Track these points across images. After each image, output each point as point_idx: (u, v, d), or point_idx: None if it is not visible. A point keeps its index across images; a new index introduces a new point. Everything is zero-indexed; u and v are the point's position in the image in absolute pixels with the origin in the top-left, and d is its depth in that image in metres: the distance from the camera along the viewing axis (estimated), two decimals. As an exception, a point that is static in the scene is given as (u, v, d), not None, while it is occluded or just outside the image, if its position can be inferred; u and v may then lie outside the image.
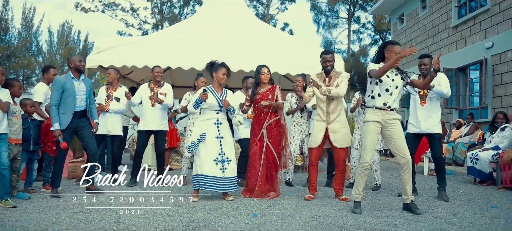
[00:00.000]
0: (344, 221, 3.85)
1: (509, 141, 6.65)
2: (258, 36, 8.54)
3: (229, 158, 4.90)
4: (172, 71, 9.67)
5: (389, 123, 4.27)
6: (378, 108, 4.27)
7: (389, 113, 4.27)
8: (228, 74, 5.03)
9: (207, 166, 4.78)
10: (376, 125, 4.28)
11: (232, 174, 4.90)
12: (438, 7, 13.34)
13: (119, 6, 28.02)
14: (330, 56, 5.08)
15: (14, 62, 25.68)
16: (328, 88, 4.93)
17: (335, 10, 29.88)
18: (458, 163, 9.11)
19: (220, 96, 4.95)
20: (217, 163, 4.82)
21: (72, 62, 5.07)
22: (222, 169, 4.82)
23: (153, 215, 4.01)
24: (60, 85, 4.94)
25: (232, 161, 4.91)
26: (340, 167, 5.10)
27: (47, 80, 6.21)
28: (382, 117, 4.27)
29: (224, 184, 4.82)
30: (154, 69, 6.21)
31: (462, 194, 5.72)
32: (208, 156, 4.81)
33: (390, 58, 4.20)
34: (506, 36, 10.23)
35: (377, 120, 4.27)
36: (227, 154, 4.89)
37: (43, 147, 5.45)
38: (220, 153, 4.86)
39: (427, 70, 5.21)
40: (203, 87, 5.04)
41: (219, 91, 5.00)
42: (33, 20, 27.73)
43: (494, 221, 3.99)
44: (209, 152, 4.82)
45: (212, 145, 4.84)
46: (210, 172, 4.78)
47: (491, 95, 10.67)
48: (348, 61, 26.66)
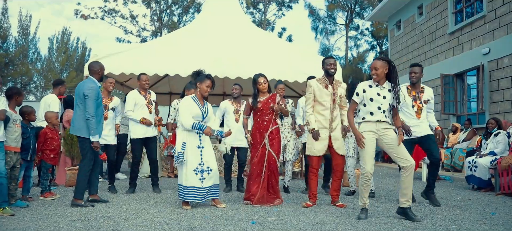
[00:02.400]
0: (342, 228, 3.85)
1: (504, 146, 6.68)
2: (255, 43, 8.58)
3: (209, 167, 4.91)
4: (170, 78, 9.69)
5: (383, 132, 4.32)
6: (372, 122, 4.34)
7: (382, 124, 4.33)
8: (212, 86, 5.03)
9: (186, 176, 4.81)
10: (371, 134, 4.33)
11: (212, 182, 4.91)
12: (435, 13, 13.41)
13: (119, 13, 28.09)
14: (334, 60, 5.13)
15: (12, 70, 25.67)
16: (345, 128, 5.12)
17: (333, 16, 29.99)
18: (456, 169, 9.13)
19: (202, 107, 4.97)
20: (196, 173, 4.84)
21: (101, 70, 5.06)
22: (201, 179, 4.84)
23: (151, 223, 4.00)
24: (96, 94, 4.82)
25: (213, 170, 4.93)
26: (339, 174, 5.12)
27: (58, 92, 6.65)
28: (376, 127, 4.33)
29: (203, 193, 4.84)
30: (141, 77, 6.12)
31: (461, 200, 5.72)
32: (188, 166, 4.82)
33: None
34: (502, 42, 10.28)
35: (371, 130, 4.33)
36: (208, 163, 4.91)
37: (41, 155, 5.44)
38: (200, 163, 4.87)
39: (417, 78, 5.33)
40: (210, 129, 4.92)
41: (201, 102, 5.01)
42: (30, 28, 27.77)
43: (493, 227, 3.99)
44: (189, 162, 4.83)
45: (192, 155, 4.85)
46: (189, 182, 4.80)
47: (489, 101, 10.70)
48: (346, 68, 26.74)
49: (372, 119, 4.32)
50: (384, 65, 4.29)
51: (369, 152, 4.29)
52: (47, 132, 5.47)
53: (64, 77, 27.08)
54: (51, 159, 5.47)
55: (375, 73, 4.30)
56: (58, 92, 6.64)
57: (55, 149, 5.51)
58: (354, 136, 5.71)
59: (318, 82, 5.08)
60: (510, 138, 6.75)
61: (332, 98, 5.02)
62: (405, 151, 4.31)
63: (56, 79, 7.67)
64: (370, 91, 4.34)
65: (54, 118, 5.61)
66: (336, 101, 5.05)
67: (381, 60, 4.34)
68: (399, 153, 4.30)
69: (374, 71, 4.31)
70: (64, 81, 7.01)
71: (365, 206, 4.35)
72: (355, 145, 5.87)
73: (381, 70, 4.28)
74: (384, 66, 4.29)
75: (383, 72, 4.29)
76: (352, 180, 6.05)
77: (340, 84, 5.14)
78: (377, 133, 4.32)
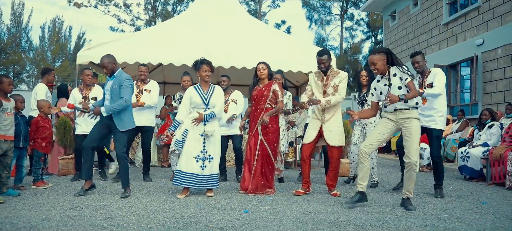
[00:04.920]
0: (334, 217, 3.87)
1: (497, 138, 6.72)
2: (250, 33, 8.54)
3: (211, 155, 4.91)
4: (164, 67, 9.64)
5: (401, 122, 4.32)
6: (389, 112, 4.39)
7: (402, 113, 4.29)
8: (211, 70, 4.99)
9: (186, 162, 4.81)
10: (388, 121, 4.38)
11: (212, 171, 4.91)
12: (430, 4, 13.42)
13: (112, 1, 27.84)
14: (325, 58, 5.08)
15: (4, 59, 25.43)
16: (328, 100, 4.99)
17: (327, 6, 29.94)
18: (448, 159, 9.19)
19: (205, 94, 4.95)
20: (198, 160, 4.84)
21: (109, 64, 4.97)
22: (202, 166, 4.85)
23: (144, 211, 4.00)
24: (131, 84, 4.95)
25: (214, 159, 4.93)
26: (333, 164, 5.18)
27: (46, 81, 6.60)
28: (395, 117, 4.35)
29: (202, 181, 4.85)
30: (139, 68, 6.28)
31: (452, 190, 5.77)
32: (189, 152, 4.83)
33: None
34: (496, 33, 10.32)
35: (391, 118, 4.38)
36: (210, 151, 4.91)
37: (33, 143, 5.40)
38: (202, 151, 4.87)
39: (421, 67, 5.25)
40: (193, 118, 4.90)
41: (206, 88, 4.99)
42: (22, 16, 27.48)
43: (483, 216, 4.03)
44: (191, 149, 4.84)
45: (195, 142, 4.85)
46: (188, 168, 4.80)
47: (482, 92, 10.76)
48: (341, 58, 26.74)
49: (388, 109, 4.37)
50: (381, 57, 4.31)
51: (373, 133, 4.42)
52: (38, 120, 5.43)
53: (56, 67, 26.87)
54: (43, 148, 5.43)
55: (375, 69, 4.34)
56: (47, 81, 6.60)
57: (47, 137, 5.47)
58: (360, 123, 5.80)
59: (315, 75, 5.23)
60: (502, 129, 6.79)
61: (323, 89, 5.08)
62: (412, 147, 4.24)
63: (44, 68, 7.66)
64: (379, 86, 4.40)
65: (47, 107, 5.57)
66: (328, 91, 5.07)
67: (376, 53, 4.34)
68: (407, 147, 4.28)
69: (373, 66, 4.34)
70: (52, 69, 6.97)
71: (359, 189, 4.34)
72: (360, 132, 5.90)
73: (380, 64, 4.30)
74: (382, 58, 4.30)
75: (382, 64, 4.31)
76: (353, 166, 6.05)
77: (336, 74, 5.13)
78: (396, 122, 4.34)
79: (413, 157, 4.23)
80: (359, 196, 4.34)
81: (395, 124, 4.36)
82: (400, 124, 4.33)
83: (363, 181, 4.35)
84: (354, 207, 4.30)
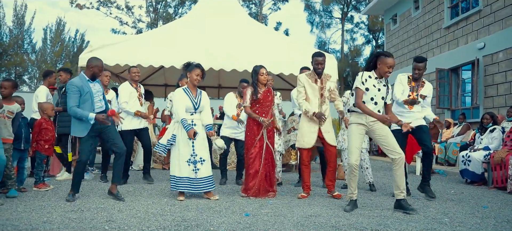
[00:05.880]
0: (336, 221, 3.87)
1: (499, 142, 6.71)
2: (251, 35, 8.54)
3: (202, 158, 4.91)
4: (165, 70, 9.65)
5: (372, 124, 4.34)
6: (362, 112, 4.34)
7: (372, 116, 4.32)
8: (202, 76, 4.98)
9: (179, 167, 4.83)
10: (359, 127, 4.36)
11: (206, 173, 4.91)
12: (431, 7, 13.42)
13: (114, 3, 27.88)
14: (322, 59, 5.12)
15: (6, 60, 25.46)
16: (342, 111, 5.36)
17: (328, 10, 29.97)
18: (450, 163, 9.18)
19: (195, 98, 4.94)
20: (189, 164, 4.86)
21: (95, 67, 4.76)
22: (194, 170, 4.86)
23: (145, 214, 4.00)
24: (76, 89, 4.59)
25: (206, 161, 4.93)
26: (332, 164, 5.20)
27: (48, 83, 6.66)
28: (365, 120, 4.34)
29: (197, 184, 4.86)
30: (131, 69, 6.15)
31: (454, 194, 5.76)
32: (181, 157, 4.84)
33: (381, 69, 4.24)
34: (497, 37, 10.31)
35: (360, 122, 4.35)
36: (200, 154, 4.90)
37: (35, 145, 5.41)
38: (192, 154, 4.87)
39: (420, 75, 5.27)
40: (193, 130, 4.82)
41: (194, 92, 4.97)
42: (25, 18, 27.52)
43: (485, 220, 4.03)
44: (181, 153, 4.84)
45: (184, 146, 4.85)
46: (182, 173, 4.83)
47: (483, 95, 10.75)
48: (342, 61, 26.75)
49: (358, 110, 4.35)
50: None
51: (355, 144, 4.33)
52: (42, 122, 5.44)
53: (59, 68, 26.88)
54: (45, 150, 5.44)
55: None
56: (48, 84, 6.65)
57: (49, 139, 5.48)
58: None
59: (307, 77, 5.17)
60: (503, 133, 6.78)
61: (320, 93, 5.10)
62: (395, 143, 4.33)
63: (45, 70, 7.68)
64: (368, 81, 4.34)
65: (50, 109, 5.58)
66: (324, 95, 5.09)
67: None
68: (390, 145, 4.32)
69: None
70: (53, 71, 7.02)
71: (353, 198, 4.39)
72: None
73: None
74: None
75: None
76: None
77: (329, 78, 5.22)
78: (366, 124, 4.35)
79: (400, 150, 4.31)
80: (353, 203, 4.39)
81: (365, 127, 4.37)
82: (371, 126, 4.35)
83: (356, 189, 4.42)
84: (353, 210, 4.32)
